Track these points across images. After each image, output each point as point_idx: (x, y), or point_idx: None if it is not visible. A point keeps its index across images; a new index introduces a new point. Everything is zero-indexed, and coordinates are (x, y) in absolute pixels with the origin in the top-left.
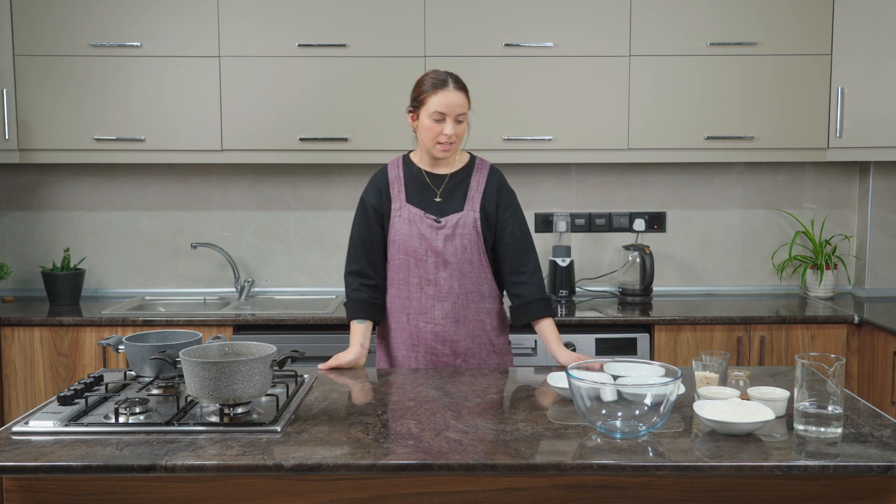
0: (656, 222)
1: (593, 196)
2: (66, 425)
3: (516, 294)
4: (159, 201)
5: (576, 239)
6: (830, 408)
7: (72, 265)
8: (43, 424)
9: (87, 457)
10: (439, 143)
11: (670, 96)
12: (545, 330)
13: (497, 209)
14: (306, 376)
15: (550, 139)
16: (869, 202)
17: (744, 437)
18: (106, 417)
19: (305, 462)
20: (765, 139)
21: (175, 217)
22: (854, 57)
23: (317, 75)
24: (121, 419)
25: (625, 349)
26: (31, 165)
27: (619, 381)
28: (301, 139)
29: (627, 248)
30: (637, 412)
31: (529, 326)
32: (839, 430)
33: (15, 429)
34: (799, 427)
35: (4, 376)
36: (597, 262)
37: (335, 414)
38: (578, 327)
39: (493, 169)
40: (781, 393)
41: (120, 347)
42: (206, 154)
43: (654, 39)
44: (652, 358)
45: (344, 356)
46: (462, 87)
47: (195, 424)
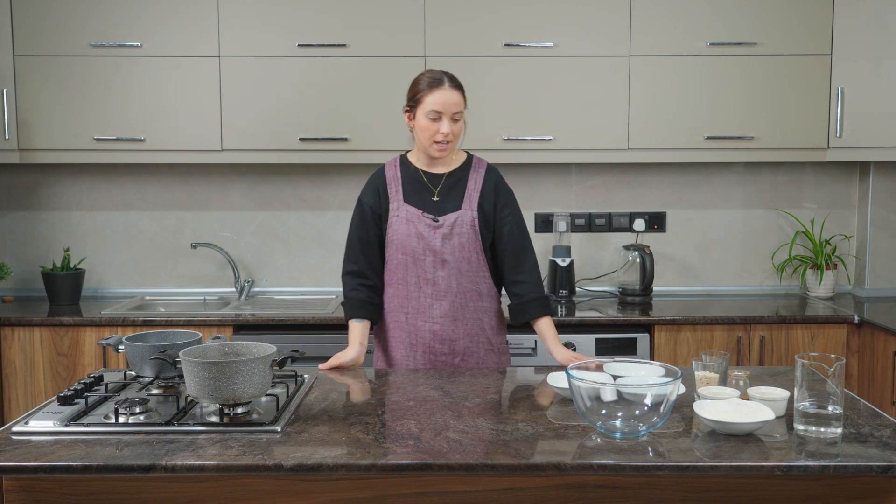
0: (656, 222)
1: (593, 196)
2: (66, 425)
3: (515, 293)
4: (159, 201)
5: (576, 239)
6: (830, 408)
7: (72, 265)
8: (43, 424)
9: (87, 457)
10: (436, 142)
11: (670, 96)
12: (543, 328)
13: (495, 208)
14: (306, 376)
15: (550, 139)
16: (869, 202)
17: (744, 437)
18: (106, 417)
19: (305, 462)
20: (765, 139)
21: (175, 217)
22: (854, 57)
23: (317, 75)
24: (121, 419)
25: (625, 349)
26: (31, 165)
27: (619, 381)
28: (301, 139)
29: (627, 248)
30: (637, 412)
31: (529, 325)
32: (839, 431)
33: (15, 429)
34: (799, 427)
35: (4, 376)
36: (597, 262)
37: (335, 414)
38: (578, 327)
39: (491, 167)
40: (781, 393)
41: (120, 347)
42: (206, 154)
43: (654, 39)
44: (652, 358)
45: (344, 355)
46: (458, 86)
47: (195, 424)
